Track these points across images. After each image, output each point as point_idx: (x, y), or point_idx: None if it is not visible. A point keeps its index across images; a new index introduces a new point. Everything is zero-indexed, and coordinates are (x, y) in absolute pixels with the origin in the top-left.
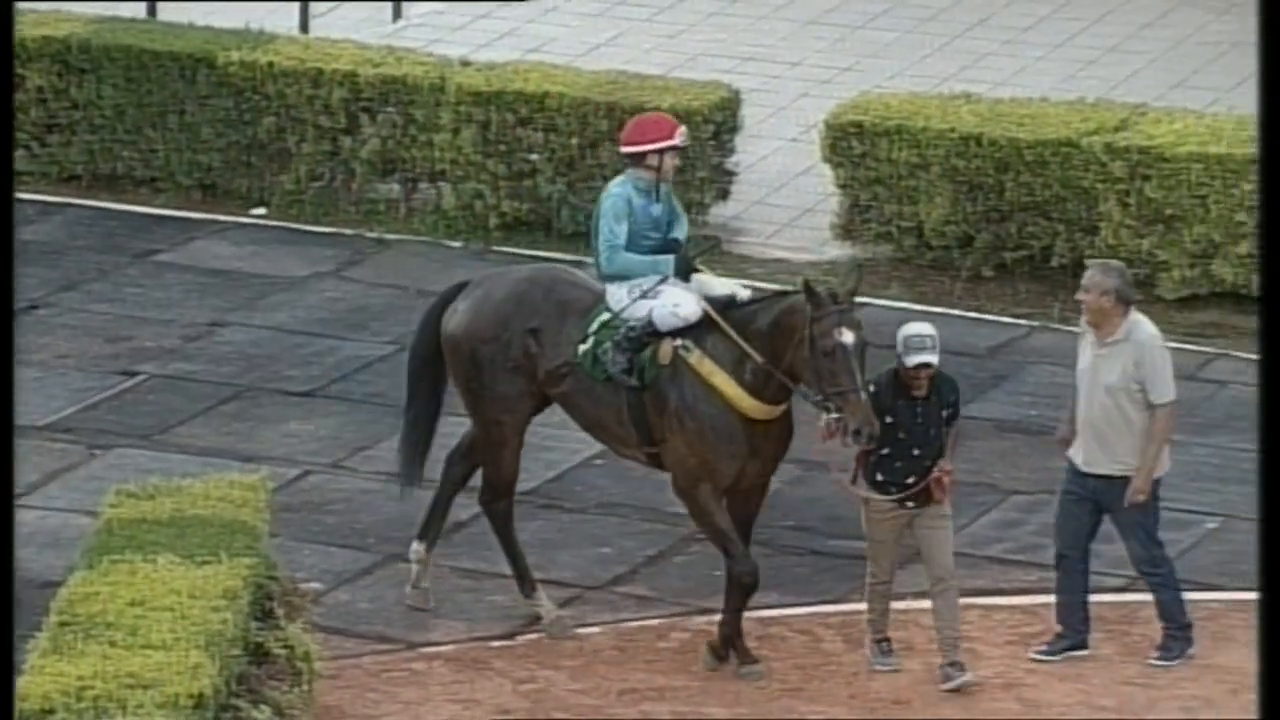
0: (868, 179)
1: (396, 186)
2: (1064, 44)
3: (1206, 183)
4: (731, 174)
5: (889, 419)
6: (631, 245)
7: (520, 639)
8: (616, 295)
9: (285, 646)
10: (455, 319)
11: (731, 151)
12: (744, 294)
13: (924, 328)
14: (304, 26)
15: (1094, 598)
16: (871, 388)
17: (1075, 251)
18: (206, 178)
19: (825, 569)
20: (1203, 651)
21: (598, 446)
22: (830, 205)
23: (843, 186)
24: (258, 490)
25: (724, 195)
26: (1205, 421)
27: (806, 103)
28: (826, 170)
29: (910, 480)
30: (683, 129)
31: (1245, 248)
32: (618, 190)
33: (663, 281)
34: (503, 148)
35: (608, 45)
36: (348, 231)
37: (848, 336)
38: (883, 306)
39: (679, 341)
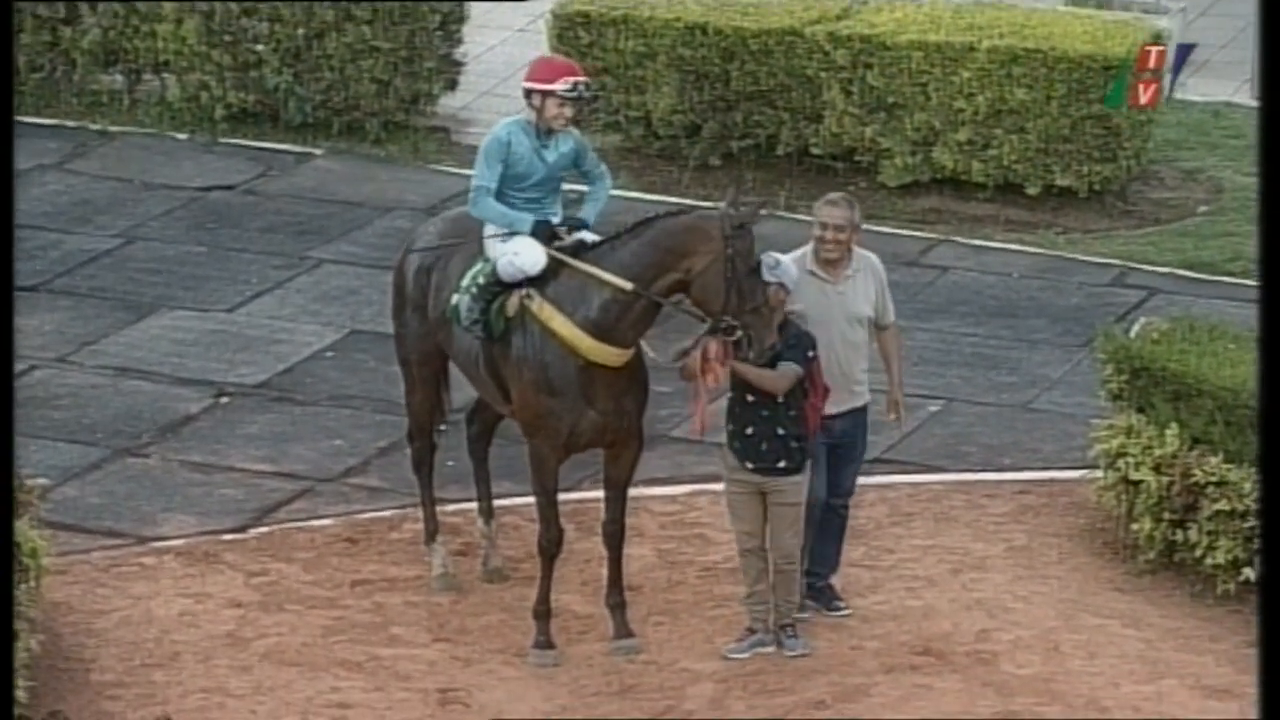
0: (595, 69)
1: (120, 78)
2: None
3: (926, 70)
4: (459, 64)
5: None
6: (511, 187)
7: (252, 532)
8: (489, 243)
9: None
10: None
11: (459, 42)
12: (592, 238)
13: (782, 258)
14: None
15: None
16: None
17: (800, 140)
18: None
19: None
20: (926, 532)
21: (329, 338)
22: None
23: None
24: None
25: (452, 85)
26: (927, 307)
27: None
28: None
29: (749, 431)
30: (569, 79)
31: (964, 134)
32: (500, 130)
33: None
34: (227, 38)
35: None
36: (70, 124)
37: (761, 255)
38: (611, 197)
39: (525, 291)
